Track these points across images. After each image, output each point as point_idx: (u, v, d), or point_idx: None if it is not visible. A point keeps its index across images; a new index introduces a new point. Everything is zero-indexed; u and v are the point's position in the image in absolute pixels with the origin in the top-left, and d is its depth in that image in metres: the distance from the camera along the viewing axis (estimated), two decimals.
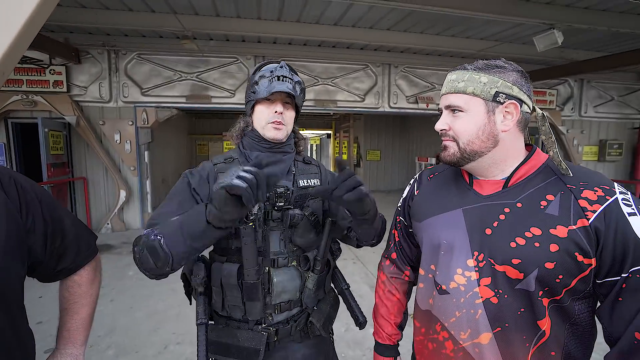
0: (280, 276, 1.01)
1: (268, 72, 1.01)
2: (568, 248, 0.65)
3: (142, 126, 5.32)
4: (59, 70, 5.06)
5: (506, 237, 0.71)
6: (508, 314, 0.71)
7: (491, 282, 0.73)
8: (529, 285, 0.69)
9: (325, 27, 4.87)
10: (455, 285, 0.78)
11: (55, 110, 5.00)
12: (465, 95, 0.76)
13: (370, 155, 11.09)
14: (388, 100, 6.29)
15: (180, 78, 5.46)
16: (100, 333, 2.64)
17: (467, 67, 0.77)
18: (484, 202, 0.78)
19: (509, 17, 3.94)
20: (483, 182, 0.80)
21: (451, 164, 0.82)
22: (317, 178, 1.12)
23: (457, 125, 0.78)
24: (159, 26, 4.54)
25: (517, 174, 0.76)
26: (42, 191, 0.83)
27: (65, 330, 0.91)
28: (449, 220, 0.82)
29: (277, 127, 1.01)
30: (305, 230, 1.02)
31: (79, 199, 5.41)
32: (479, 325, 0.74)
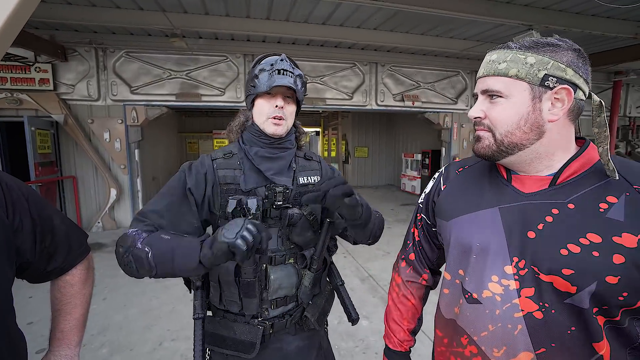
0: (277, 273, 1.00)
1: (268, 66, 0.97)
2: (637, 261, 0.55)
3: (131, 124, 5.30)
4: (44, 68, 4.98)
5: (555, 242, 0.61)
6: (555, 332, 0.61)
7: (535, 293, 0.63)
8: (581, 301, 0.59)
9: (314, 26, 4.97)
10: (489, 294, 0.68)
11: (42, 109, 4.93)
12: (506, 78, 0.65)
13: (358, 152, 11.26)
14: (375, 98, 6.45)
15: (170, 76, 5.46)
16: (93, 332, 2.64)
17: (511, 46, 0.66)
18: (526, 201, 0.67)
19: (490, 17, 4.13)
20: (524, 177, 0.70)
21: (485, 158, 0.72)
22: (318, 175, 1.10)
23: (494, 112, 0.68)
24: (147, 24, 4.53)
25: (568, 170, 0.65)
26: (29, 190, 0.80)
27: (58, 332, 0.88)
28: (483, 220, 0.71)
29: (277, 123, 0.99)
30: (303, 229, 1.00)
31: (69, 198, 5.35)
32: (518, 343, 0.64)
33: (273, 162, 1.02)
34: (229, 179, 0.98)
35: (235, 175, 0.99)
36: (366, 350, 2.50)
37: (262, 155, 1.01)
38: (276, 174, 1.01)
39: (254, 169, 1.00)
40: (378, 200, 8.97)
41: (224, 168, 0.99)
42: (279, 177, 1.01)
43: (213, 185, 0.98)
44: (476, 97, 0.73)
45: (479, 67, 0.74)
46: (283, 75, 0.97)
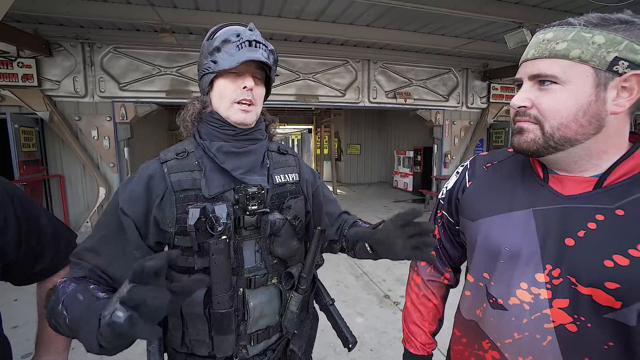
0: (257, 299, 0.81)
1: (234, 36, 0.78)
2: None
3: (120, 122, 5.19)
4: (28, 63, 4.81)
5: (598, 252, 0.56)
6: (591, 347, 0.57)
7: (569, 305, 0.58)
8: (627, 317, 0.54)
9: (306, 22, 4.93)
10: (517, 301, 0.64)
11: (26, 105, 4.78)
12: (566, 60, 0.55)
13: (350, 149, 11.29)
14: (368, 95, 6.45)
15: (160, 73, 5.35)
16: None
17: (574, 22, 0.57)
18: (566, 204, 0.61)
19: (481, 15, 4.17)
20: (564, 178, 0.63)
21: (526, 153, 0.63)
22: (295, 172, 0.93)
23: (546, 101, 0.58)
24: (135, 19, 4.42)
25: (618, 172, 0.58)
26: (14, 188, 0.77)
27: (45, 336, 0.84)
28: (514, 223, 0.66)
29: (246, 109, 0.80)
30: (287, 238, 0.83)
31: (56, 197, 5.21)
32: (546, 354, 0.60)
33: (241, 158, 0.82)
34: (186, 183, 0.77)
35: (194, 179, 0.78)
36: (361, 347, 2.51)
37: (227, 151, 0.80)
38: (247, 173, 0.82)
39: (217, 168, 0.80)
40: (371, 197, 9.00)
41: (178, 171, 0.78)
42: (250, 176, 0.82)
43: (163, 196, 0.77)
44: (519, 84, 0.63)
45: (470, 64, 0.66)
46: (255, 47, 0.77)
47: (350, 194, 9.66)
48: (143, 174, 0.78)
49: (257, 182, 0.82)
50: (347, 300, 3.26)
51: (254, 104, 0.82)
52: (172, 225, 0.77)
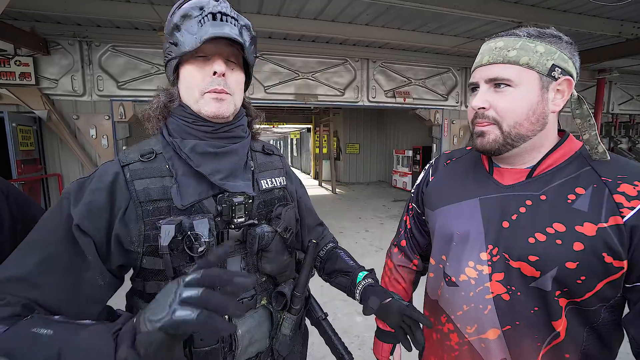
0: (246, 324, 0.71)
1: (196, 10, 0.64)
2: (595, 248, 0.58)
3: (119, 121, 5.17)
4: (25, 61, 4.78)
5: (525, 231, 0.65)
6: (520, 312, 0.66)
7: (504, 277, 0.67)
8: (544, 284, 0.63)
9: (305, 21, 4.91)
10: (465, 278, 0.72)
11: (23, 104, 4.75)
12: (517, 66, 0.64)
13: (349, 149, 11.29)
14: (367, 95, 6.45)
15: (158, 71, 5.33)
16: None
17: (519, 33, 0.65)
18: (504, 193, 0.70)
19: (481, 14, 4.16)
20: (505, 170, 0.73)
21: (489, 153, 0.70)
22: (282, 175, 0.83)
23: (502, 103, 0.65)
24: (134, 17, 4.39)
25: (545, 163, 0.68)
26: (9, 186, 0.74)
27: None
28: (464, 210, 0.75)
29: (220, 98, 0.67)
30: (277, 253, 0.73)
31: (54, 196, 5.18)
32: (487, 321, 0.69)
33: (221, 160, 0.69)
34: (155, 193, 0.64)
35: (164, 187, 0.65)
36: (361, 346, 2.51)
37: (203, 151, 0.68)
38: (227, 178, 0.70)
39: (192, 172, 0.67)
40: (369, 197, 9.01)
41: (144, 177, 0.65)
42: (232, 182, 0.70)
43: (126, 208, 0.63)
44: (473, 88, 0.70)
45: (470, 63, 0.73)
46: (222, 21, 0.64)
47: (349, 193, 9.66)
48: (104, 179, 0.63)
49: (241, 189, 0.70)
50: (346, 299, 3.25)
51: (230, 92, 0.68)
52: (140, 244, 0.63)
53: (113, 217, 0.62)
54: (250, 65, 0.73)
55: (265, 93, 5.80)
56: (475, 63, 0.70)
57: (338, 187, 10.40)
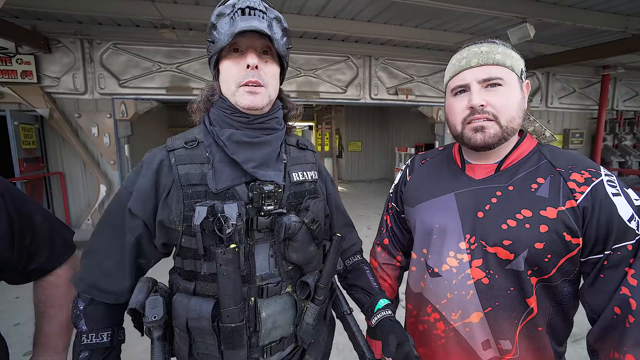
0: (270, 308, 0.74)
1: (229, 7, 0.69)
2: (557, 228, 0.66)
3: (120, 119, 5.16)
4: (27, 59, 4.78)
5: (498, 219, 0.72)
6: (498, 293, 0.72)
7: (482, 263, 0.73)
8: (518, 265, 0.70)
9: (307, 18, 4.88)
10: (447, 267, 0.78)
11: (25, 102, 4.75)
12: (504, 67, 0.71)
13: (351, 146, 11.25)
14: (369, 92, 6.41)
15: (160, 69, 5.32)
16: None
17: (496, 42, 0.74)
18: (476, 186, 0.77)
19: (484, 10, 4.11)
20: (475, 166, 0.80)
21: (489, 147, 0.74)
22: (315, 169, 0.84)
23: (498, 100, 0.71)
24: (135, 14, 4.37)
25: (510, 158, 0.76)
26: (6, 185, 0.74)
27: (43, 336, 0.81)
28: (441, 205, 0.81)
29: (254, 91, 0.70)
30: (304, 243, 0.75)
31: (57, 195, 5.20)
32: (470, 306, 0.74)
33: (255, 150, 0.73)
34: (195, 178, 0.70)
35: (202, 173, 0.71)
36: None
37: (239, 140, 0.72)
38: (259, 167, 0.73)
39: (227, 159, 0.72)
40: (372, 194, 8.99)
41: (186, 163, 0.72)
42: (264, 171, 0.74)
43: (170, 191, 0.70)
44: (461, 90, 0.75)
45: None
46: (251, 15, 0.67)
47: (351, 190, 9.64)
48: (150, 166, 0.71)
49: (271, 178, 0.73)
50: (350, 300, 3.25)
51: (264, 84, 0.71)
52: (179, 223, 0.70)
53: (157, 200, 0.71)
54: (282, 56, 0.75)
55: None
56: (459, 67, 0.75)
57: (340, 184, 10.38)
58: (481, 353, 0.75)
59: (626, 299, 0.61)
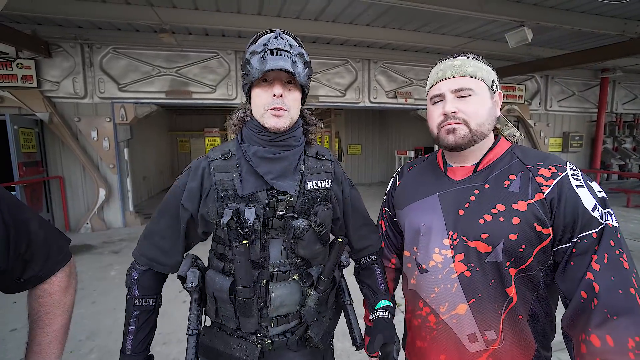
0: (279, 290, 0.90)
1: (260, 47, 0.83)
2: (528, 220, 0.72)
3: (120, 123, 5.18)
4: (27, 64, 4.81)
5: (476, 215, 0.78)
6: (480, 285, 0.77)
7: (464, 257, 0.78)
8: (497, 256, 0.75)
9: (306, 22, 4.92)
10: (433, 263, 0.83)
11: (25, 107, 4.77)
12: (475, 79, 0.80)
13: (351, 150, 11.25)
14: (368, 95, 6.43)
15: (159, 73, 5.34)
16: (81, 337, 2.54)
17: (469, 56, 0.83)
18: (457, 187, 0.84)
19: (482, 13, 4.14)
20: (456, 168, 0.87)
21: (457, 148, 0.82)
22: (329, 178, 0.96)
23: (469, 107, 0.80)
24: (134, 19, 4.41)
25: (486, 159, 0.83)
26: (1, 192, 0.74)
27: (35, 345, 0.81)
28: (427, 205, 0.88)
29: (277, 114, 0.85)
30: (310, 242, 0.90)
31: (56, 199, 5.20)
32: (456, 298, 0.79)
33: (274, 164, 0.88)
34: (227, 184, 0.88)
35: (233, 180, 0.88)
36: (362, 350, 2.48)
37: (262, 156, 0.88)
38: (278, 178, 0.88)
39: (252, 171, 0.88)
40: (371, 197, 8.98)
41: (222, 172, 0.89)
42: (281, 182, 0.88)
43: (209, 192, 0.89)
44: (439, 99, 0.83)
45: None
46: (277, 56, 0.81)
47: None
48: (196, 172, 0.91)
49: (285, 189, 0.88)
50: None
51: (287, 109, 0.86)
52: (214, 217, 0.89)
53: (200, 199, 0.90)
54: (303, 85, 0.90)
55: None
56: (436, 78, 0.84)
57: None
58: (468, 345, 0.79)
59: (590, 283, 0.66)
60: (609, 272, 0.65)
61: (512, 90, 7.26)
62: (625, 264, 0.66)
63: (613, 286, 0.64)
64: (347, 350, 2.40)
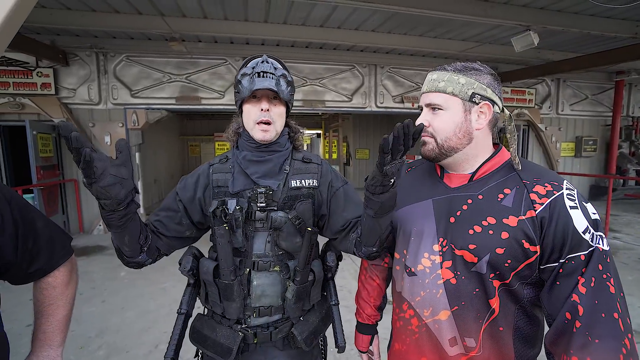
0: (260, 279, 0.99)
1: (250, 69, 0.98)
2: (517, 236, 0.72)
3: (132, 128, 5.35)
4: (46, 72, 5.05)
5: (466, 225, 0.78)
6: (464, 293, 0.78)
7: (452, 265, 0.79)
8: (481, 268, 0.75)
9: (312, 28, 4.99)
10: (422, 267, 0.84)
11: (44, 113, 5.00)
12: (445, 94, 0.80)
13: (359, 154, 11.26)
14: (375, 100, 6.45)
15: (170, 80, 5.51)
16: (91, 334, 2.66)
17: (447, 68, 0.82)
18: (452, 194, 0.84)
19: (486, 18, 4.12)
20: (452, 175, 0.87)
21: (429, 159, 0.87)
22: (315, 178, 1.06)
23: (436, 122, 0.82)
24: (146, 28, 4.58)
25: (482, 169, 0.82)
26: (11, 193, 0.82)
27: (40, 333, 0.90)
28: (421, 210, 0.88)
29: (265, 129, 0.98)
30: (289, 234, 0.99)
31: (71, 201, 5.40)
32: (440, 304, 0.80)
33: (260, 166, 1.01)
34: (221, 182, 1.02)
35: (226, 179, 1.02)
36: None
37: (250, 159, 1.01)
38: (262, 177, 1.00)
39: (242, 172, 1.01)
40: None
41: (218, 172, 1.04)
42: (265, 180, 1.00)
43: (206, 188, 1.03)
44: (421, 109, 0.87)
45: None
46: (263, 77, 0.96)
47: None
48: (196, 172, 1.07)
49: (267, 185, 0.99)
50: (349, 306, 3.24)
51: (272, 122, 0.99)
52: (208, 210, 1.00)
53: (199, 191, 1.04)
54: (286, 100, 1.02)
55: None
56: (422, 90, 0.88)
57: None
58: (448, 349, 0.80)
59: (575, 305, 0.66)
60: (594, 295, 0.65)
61: (522, 94, 7.15)
62: (611, 288, 0.66)
63: (597, 309, 0.64)
64: (347, 351, 2.41)
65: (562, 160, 7.75)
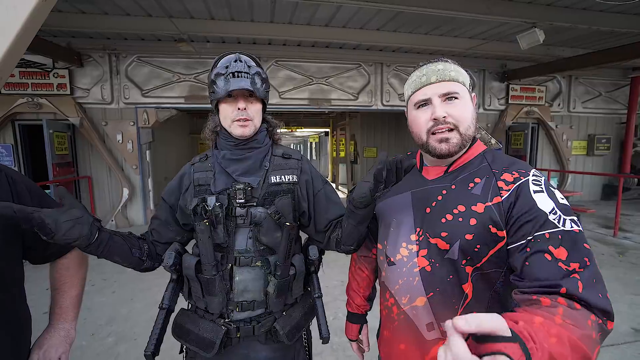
0: (242, 275, 0.99)
1: (223, 69, 0.96)
2: (484, 221, 0.74)
3: (143, 126, 5.52)
4: (62, 73, 5.26)
5: (439, 214, 0.81)
6: (439, 279, 0.80)
7: (427, 253, 0.82)
8: (453, 254, 0.78)
9: (317, 28, 5.04)
10: (400, 257, 0.87)
11: (60, 112, 5.21)
12: (458, 83, 0.81)
13: (367, 152, 11.25)
14: (381, 98, 6.46)
15: (179, 79, 5.65)
16: (101, 322, 2.80)
17: (448, 60, 0.83)
18: (428, 186, 0.87)
19: (491, 16, 4.09)
20: (430, 168, 0.90)
21: (448, 156, 0.83)
22: (295, 173, 1.06)
23: (456, 111, 0.80)
24: (155, 30, 4.73)
25: (458, 161, 0.85)
26: (30, 183, 0.92)
27: (57, 308, 1.01)
28: (400, 202, 0.92)
29: (244, 124, 0.98)
30: (269, 229, 0.99)
31: (84, 197, 5.61)
32: (416, 291, 0.83)
33: (240, 163, 1.02)
34: (202, 180, 1.03)
35: (207, 177, 1.03)
36: None
37: (229, 158, 1.03)
38: (243, 174, 1.02)
39: (222, 171, 1.03)
40: None
41: (199, 171, 1.05)
42: (245, 177, 1.01)
43: (188, 188, 1.04)
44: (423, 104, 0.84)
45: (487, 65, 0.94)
46: (238, 77, 0.95)
47: None
48: (180, 173, 1.08)
49: (247, 181, 1.01)
50: None
51: (250, 119, 0.99)
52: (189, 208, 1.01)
53: (179, 193, 1.05)
54: (262, 97, 1.03)
55: (280, 98, 5.98)
56: (420, 83, 0.84)
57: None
58: (426, 334, 0.83)
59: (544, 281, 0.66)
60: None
61: (532, 91, 7.03)
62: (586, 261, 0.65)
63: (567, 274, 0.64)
64: (343, 344, 2.47)
65: (574, 158, 7.59)
